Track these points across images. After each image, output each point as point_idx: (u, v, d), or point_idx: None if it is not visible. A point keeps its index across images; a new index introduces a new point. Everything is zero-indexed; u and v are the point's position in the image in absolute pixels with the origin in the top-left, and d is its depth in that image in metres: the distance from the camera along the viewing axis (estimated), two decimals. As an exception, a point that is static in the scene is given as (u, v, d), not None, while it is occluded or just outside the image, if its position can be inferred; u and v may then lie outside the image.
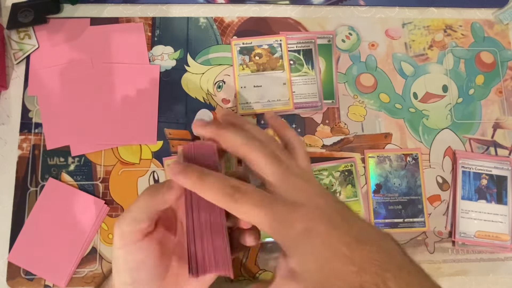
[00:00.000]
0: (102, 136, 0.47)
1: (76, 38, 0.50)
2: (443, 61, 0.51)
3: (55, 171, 0.46)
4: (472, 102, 0.50)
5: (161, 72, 0.49)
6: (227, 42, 0.50)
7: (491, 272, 0.46)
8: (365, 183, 0.47)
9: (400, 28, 0.52)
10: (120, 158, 0.47)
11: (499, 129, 0.50)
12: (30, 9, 0.49)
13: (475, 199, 0.47)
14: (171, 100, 0.49)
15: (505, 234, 0.46)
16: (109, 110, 0.48)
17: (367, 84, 0.50)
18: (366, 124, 0.49)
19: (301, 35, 0.51)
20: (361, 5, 0.52)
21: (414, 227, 0.47)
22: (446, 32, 0.52)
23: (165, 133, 0.48)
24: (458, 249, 0.46)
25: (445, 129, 0.49)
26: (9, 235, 0.44)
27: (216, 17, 0.51)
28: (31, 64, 0.49)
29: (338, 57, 0.51)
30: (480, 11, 0.53)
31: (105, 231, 0.45)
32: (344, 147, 0.48)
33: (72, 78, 0.48)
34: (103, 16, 0.51)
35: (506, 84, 0.51)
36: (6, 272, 0.44)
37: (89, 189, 0.46)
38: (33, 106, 0.48)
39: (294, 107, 0.49)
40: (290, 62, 0.50)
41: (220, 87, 0.49)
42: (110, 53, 0.49)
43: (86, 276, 0.44)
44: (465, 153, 0.49)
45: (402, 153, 0.48)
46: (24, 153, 0.47)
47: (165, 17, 0.51)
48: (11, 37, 0.49)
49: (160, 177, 0.47)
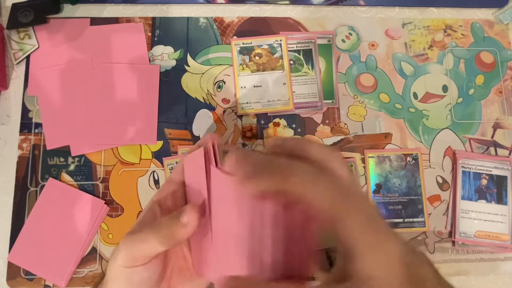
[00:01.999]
0: (102, 136, 0.47)
1: (76, 38, 0.50)
2: (443, 61, 0.51)
3: (55, 171, 0.46)
4: (472, 102, 0.50)
5: (161, 72, 0.49)
6: (227, 42, 0.50)
7: (491, 272, 0.46)
8: (365, 183, 0.47)
9: (400, 28, 0.52)
10: (120, 158, 0.47)
11: (499, 129, 0.50)
12: (30, 9, 0.49)
13: (475, 199, 0.47)
14: (171, 100, 0.49)
15: (505, 234, 0.46)
16: (109, 110, 0.48)
17: (367, 84, 0.50)
18: (366, 124, 0.49)
19: (301, 35, 0.51)
20: (361, 5, 0.52)
21: (414, 227, 0.47)
22: (446, 32, 0.52)
23: (165, 133, 0.48)
24: (458, 249, 0.46)
25: (445, 129, 0.49)
26: (9, 235, 0.44)
27: (216, 17, 0.51)
28: (31, 64, 0.49)
29: (338, 57, 0.51)
30: (480, 11, 0.53)
31: (105, 231, 0.45)
32: (344, 147, 0.48)
33: (72, 78, 0.48)
34: (103, 16, 0.51)
35: (506, 84, 0.51)
36: (6, 272, 0.44)
37: (89, 189, 0.46)
38: (33, 106, 0.48)
39: (294, 107, 0.49)
40: (290, 62, 0.50)
41: (220, 87, 0.49)
42: (110, 53, 0.49)
43: (86, 276, 0.44)
44: (465, 153, 0.49)
45: (402, 153, 0.48)
46: (24, 153, 0.47)
47: (165, 17, 0.51)
48: (11, 37, 0.49)
49: (160, 177, 0.47)
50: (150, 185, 0.46)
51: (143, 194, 0.46)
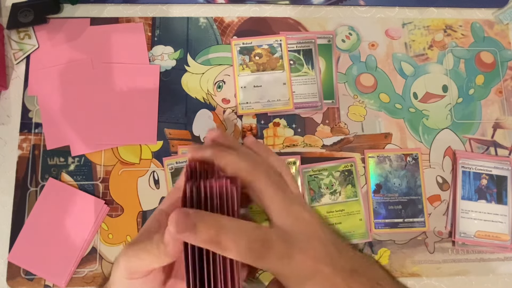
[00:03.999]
0: (102, 136, 0.47)
1: (76, 38, 0.50)
2: (443, 61, 0.51)
3: (55, 171, 0.46)
4: (472, 102, 0.50)
5: (161, 72, 0.49)
6: (227, 42, 0.50)
7: (491, 272, 0.46)
8: (365, 183, 0.47)
9: (400, 28, 0.52)
10: (120, 158, 0.47)
11: (499, 129, 0.50)
12: (30, 9, 0.49)
13: (475, 199, 0.47)
14: (171, 100, 0.49)
15: (505, 234, 0.46)
16: (109, 110, 0.48)
17: (367, 84, 0.50)
18: (366, 124, 0.49)
19: (301, 35, 0.51)
20: (361, 5, 0.52)
21: (414, 227, 0.46)
22: (446, 32, 0.52)
23: (165, 133, 0.48)
24: (458, 249, 0.46)
25: (445, 129, 0.49)
26: (9, 235, 0.44)
27: (216, 17, 0.51)
28: (31, 64, 0.49)
29: (338, 57, 0.51)
30: (480, 11, 0.53)
31: (105, 231, 0.45)
32: (344, 147, 0.48)
33: (72, 78, 0.48)
34: (103, 16, 0.51)
35: (506, 84, 0.51)
36: (6, 272, 0.44)
37: (89, 189, 0.46)
38: (33, 106, 0.48)
39: (294, 107, 0.49)
40: (290, 62, 0.50)
41: (220, 87, 0.49)
42: (110, 53, 0.49)
43: (86, 276, 0.44)
44: (465, 153, 0.49)
45: (402, 153, 0.48)
46: (24, 153, 0.47)
47: (165, 17, 0.51)
48: (11, 37, 0.49)
49: (160, 177, 0.47)
50: (150, 185, 0.46)
51: (143, 194, 0.46)
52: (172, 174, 0.46)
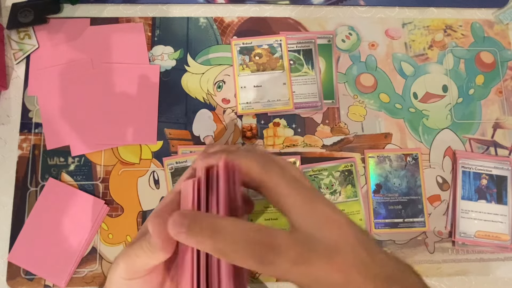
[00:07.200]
0: (102, 136, 0.47)
1: (76, 38, 0.50)
2: (443, 61, 0.51)
3: (55, 171, 0.46)
4: (472, 102, 0.50)
5: (161, 72, 0.49)
6: (227, 42, 0.50)
7: (491, 272, 0.46)
8: (365, 183, 0.47)
9: (400, 28, 0.52)
10: (120, 158, 0.47)
11: (499, 129, 0.50)
12: (30, 9, 0.49)
13: (475, 199, 0.47)
14: (171, 100, 0.49)
15: (505, 234, 0.46)
16: (109, 110, 0.48)
17: (367, 84, 0.50)
18: (366, 124, 0.49)
19: (301, 35, 0.51)
20: (361, 5, 0.52)
21: (414, 227, 0.46)
22: (446, 32, 0.52)
23: (165, 133, 0.48)
24: (458, 249, 0.46)
25: (445, 129, 0.49)
26: (9, 235, 0.44)
27: (216, 17, 0.51)
28: (31, 64, 0.49)
29: (338, 57, 0.51)
30: (480, 11, 0.53)
31: (105, 231, 0.45)
32: (344, 147, 0.48)
33: (72, 78, 0.48)
34: (103, 16, 0.51)
35: (506, 84, 0.51)
36: (6, 272, 0.44)
37: (89, 189, 0.46)
38: (33, 106, 0.48)
39: (294, 107, 0.49)
40: (290, 62, 0.50)
41: (220, 87, 0.49)
42: (110, 53, 0.49)
43: (86, 276, 0.44)
44: (465, 153, 0.49)
45: (402, 153, 0.48)
46: (24, 153, 0.47)
47: (165, 17, 0.51)
48: (11, 37, 0.49)
49: (160, 177, 0.47)
50: (150, 185, 0.46)
51: (143, 194, 0.46)
52: (172, 174, 0.46)
